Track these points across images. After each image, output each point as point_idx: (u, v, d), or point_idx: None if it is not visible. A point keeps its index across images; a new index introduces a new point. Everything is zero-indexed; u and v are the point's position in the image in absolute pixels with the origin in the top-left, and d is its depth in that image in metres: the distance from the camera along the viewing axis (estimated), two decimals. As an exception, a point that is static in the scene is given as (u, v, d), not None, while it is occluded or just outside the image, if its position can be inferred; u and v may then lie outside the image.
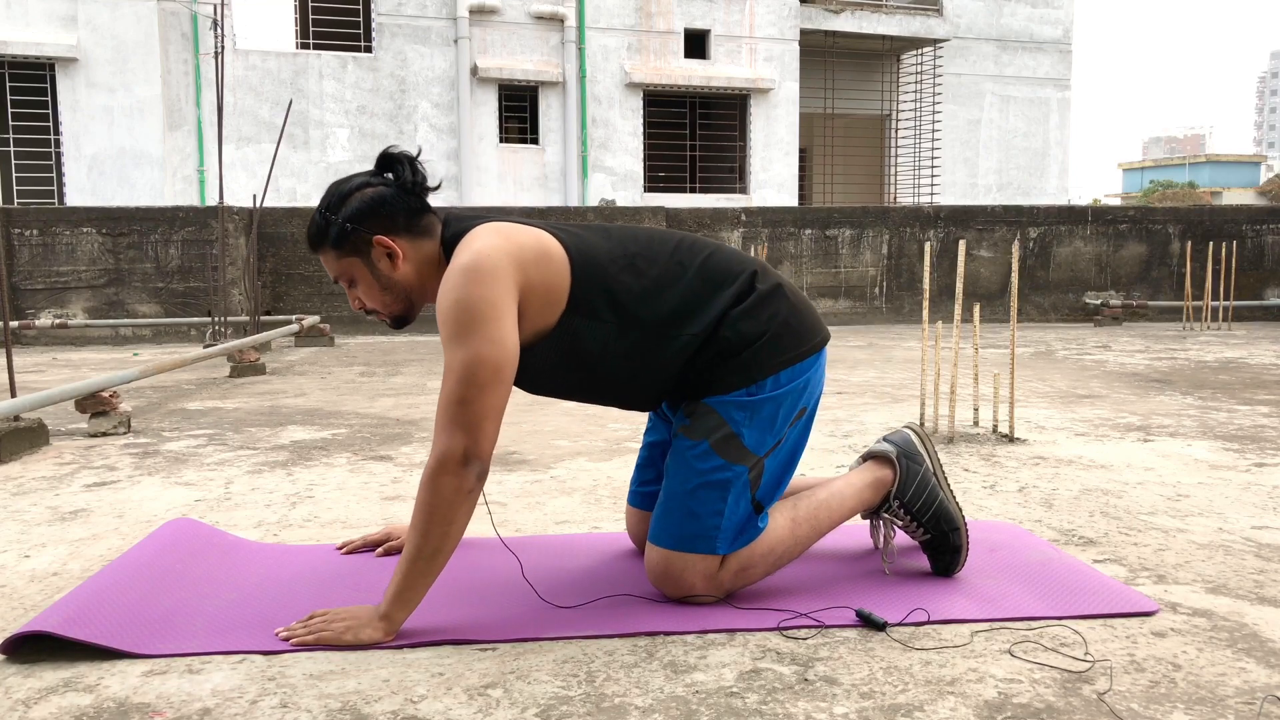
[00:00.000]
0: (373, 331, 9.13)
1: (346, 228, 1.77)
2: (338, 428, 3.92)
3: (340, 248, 1.78)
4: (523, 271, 1.71)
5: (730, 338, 1.81)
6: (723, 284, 1.84)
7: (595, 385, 1.87)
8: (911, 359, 6.42)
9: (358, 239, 1.77)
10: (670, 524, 1.80)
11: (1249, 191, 41.54)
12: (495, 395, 1.66)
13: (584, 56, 16.15)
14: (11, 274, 8.34)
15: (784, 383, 1.83)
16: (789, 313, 1.87)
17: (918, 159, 18.91)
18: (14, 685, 1.51)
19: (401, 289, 1.81)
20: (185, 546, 2.12)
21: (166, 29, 14.52)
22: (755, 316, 1.83)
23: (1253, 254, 10.40)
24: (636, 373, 1.84)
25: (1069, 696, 1.44)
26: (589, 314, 1.78)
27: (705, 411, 1.82)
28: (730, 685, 1.49)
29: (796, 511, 1.88)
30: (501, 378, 1.66)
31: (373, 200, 1.78)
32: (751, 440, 1.81)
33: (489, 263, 1.68)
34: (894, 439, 2.00)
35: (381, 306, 1.83)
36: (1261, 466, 3.05)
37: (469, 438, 1.64)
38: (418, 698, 1.46)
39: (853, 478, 1.97)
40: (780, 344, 1.84)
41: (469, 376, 1.64)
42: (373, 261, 1.79)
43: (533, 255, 1.73)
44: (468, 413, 1.64)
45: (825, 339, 1.93)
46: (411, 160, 1.82)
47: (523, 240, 1.74)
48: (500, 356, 1.66)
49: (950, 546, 1.94)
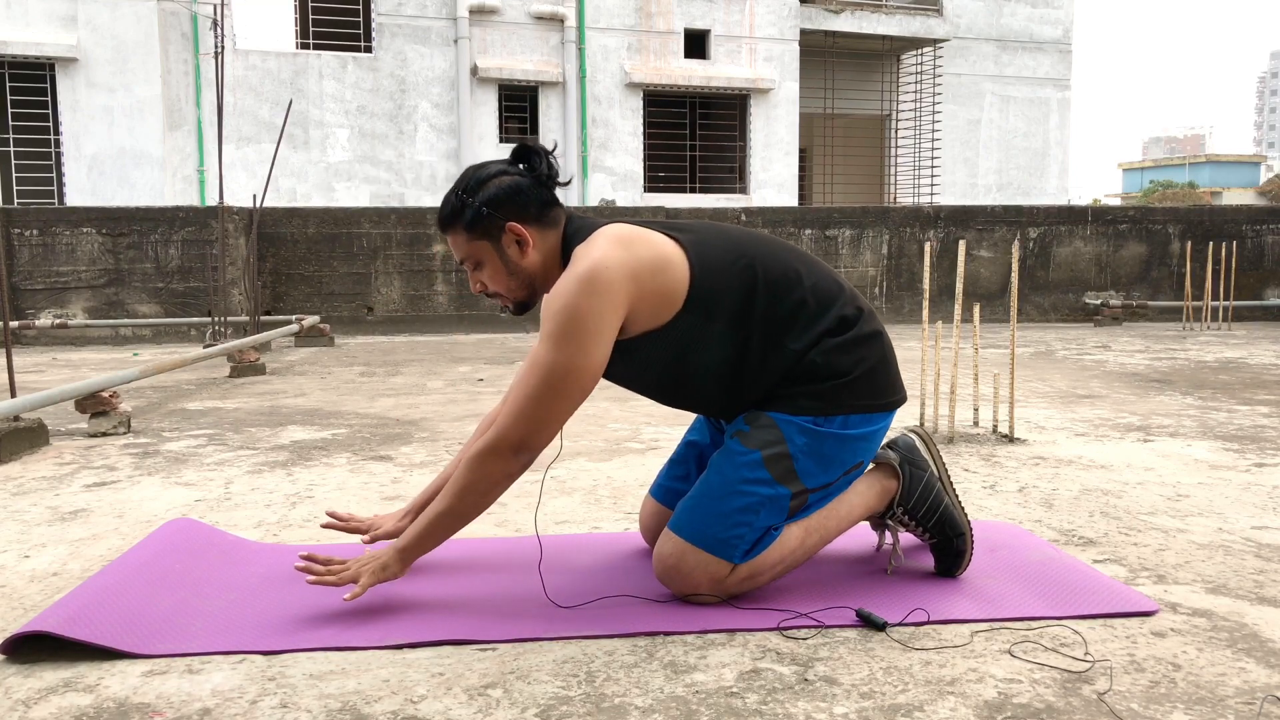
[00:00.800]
0: (373, 331, 9.13)
1: (482, 211, 1.82)
2: (338, 428, 3.92)
3: (472, 230, 1.83)
4: (637, 284, 1.75)
5: (819, 363, 1.82)
6: (830, 305, 1.86)
7: (690, 386, 1.88)
8: (911, 359, 6.43)
9: (491, 223, 1.82)
10: (696, 518, 1.81)
11: (1249, 191, 41.54)
12: (569, 403, 1.74)
13: (584, 56, 16.15)
14: (11, 274, 8.34)
15: (853, 426, 1.84)
16: (880, 361, 1.88)
17: (918, 159, 18.90)
18: (14, 685, 1.51)
19: (527, 276, 1.86)
20: (185, 546, 2.12)
21: (166, 29, 14.51)
22: (849, 352, 1.84)
23: (1253, 254, 10.40)
24: (734, 379, 1.84)
25: (1069, 696, 1.44)
26: (704, 315, 1.80)
27: (768, 424, 1.82)
28: (730, 685, 1.49)
29: (808, 522, 1.88)
30: (581, 390, 1.74)
31: (509, 188, 1.83)
32: (804, 469, 1.81)
33: (606, 275, 1.72)
34: (897, 445, 2.00)
35: (506, 291, 1.88)
36: (1261, 466, 3.05)
37: (530, 432, 1.73)
38: (418, 698, 1.46)
39: (859, 485, 1.96)
40: (863, 388, 1.84)
41: (554, 380, 1.71)
42: (502, 247, 1.84)
43: (649, 267, 1.77)
44: (538, 410, 1.72)
45: (902, 400, 1.94)
46: (548, 153, 1.88)
47: (641, 252, 1.77)
48: (587, 371, 1.73)
49: (954, 551, 1.94)
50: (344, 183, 15.37)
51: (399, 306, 9.26)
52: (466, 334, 9.13)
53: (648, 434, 3.68)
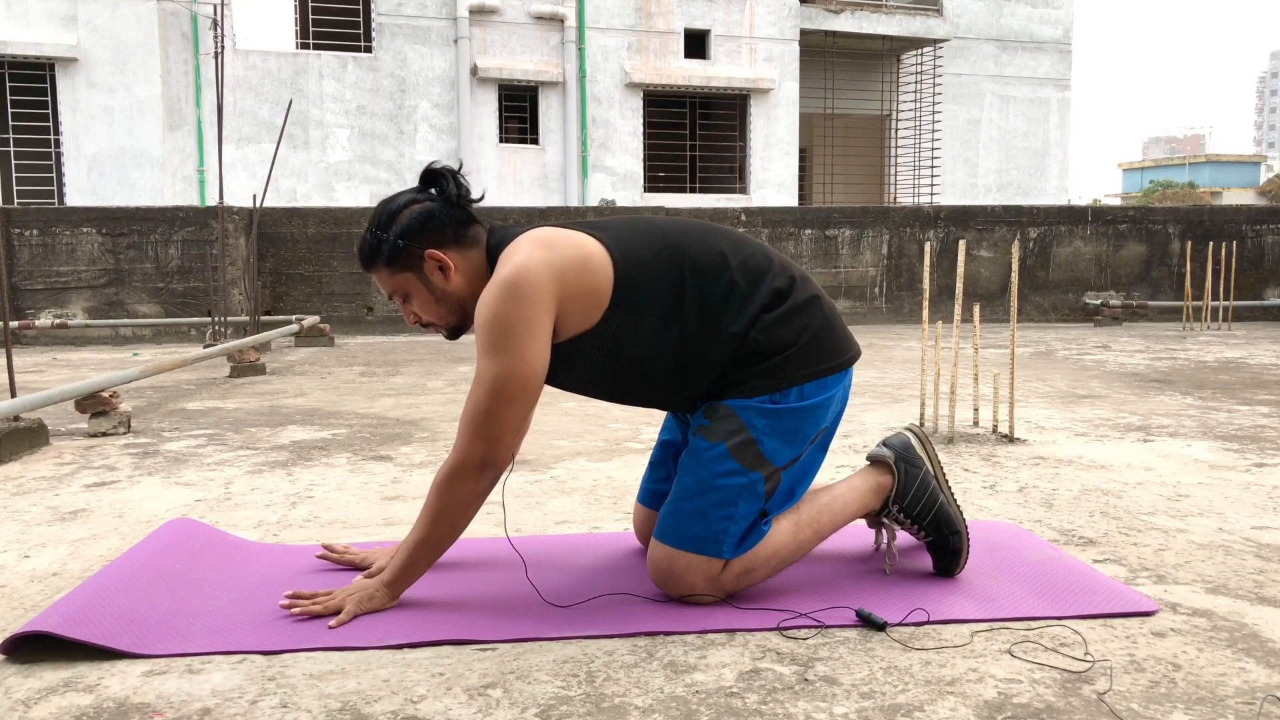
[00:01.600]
0: (373, 331, 9.13)
1: (399, 244, 1.82)
2: (338, 428, 3.92)
3: (393, 264, 1.84)
4: (561, 283, 1.74)
5: (761, 341, 1.82)
6: (760, 280, 1.85)
7: (635, 383, 1.88)
8: (911, 359, 6.42)
9: (410, 254, 1.83)
10: (678, 523, 1.81)
11: (1249, 191, 41.54)
12: (519, 409, 1.73)
13: (584, 56, 16.15)
14: (11, 274, 8.34)
15: (809, 395, 1.84)
16: (822, 325, 1.88)
17: (918, 159, 18.90)
18: (14, 685, 1.51)
19: (455, 300, 1.87)
20: (185, 547, 2.12)
21: (166, 29, 14.51)
22: (789, 324, 1.84)
23: (1253, 254, 10.40)
24: (677, 371, 1.84)
25: (1069, 696, 1.44)
26: (632, 310, 1.80)
27: (726, 414, 1.82)
28: (730, 685, 1.49)
29: (799, 515, 1.88)
30: (527, 394, 1.73)
31: (421, 215, 1.83)
32: (770, 449, 1.81)
33: (529, 277, 1.71)
34: (893, 443, 2.00)
35: (437, 319, 1.89)
36: (1261, 466, 3.05)
37: (488, 447, 1.73)
38: (418, 698, 1.46)
39: (854, 482, 1.97)
40: (810, 355, 1.84)
41: (496, 390, 1.71)
42: (426, 275, 1.84)
43: (573, 264, 1.76)
44: (490, 424, 1.72)
45: (855, 356, 1.93)
46: (454, 174, 1.88)
47: (563, 250, 1.77)
48: (528, 374, 1.72)
49: (950, 549, 1.94)
50: (344, 183, 15.37)
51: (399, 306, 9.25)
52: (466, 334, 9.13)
53: (648, 434, 3.68)
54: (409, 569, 1.79)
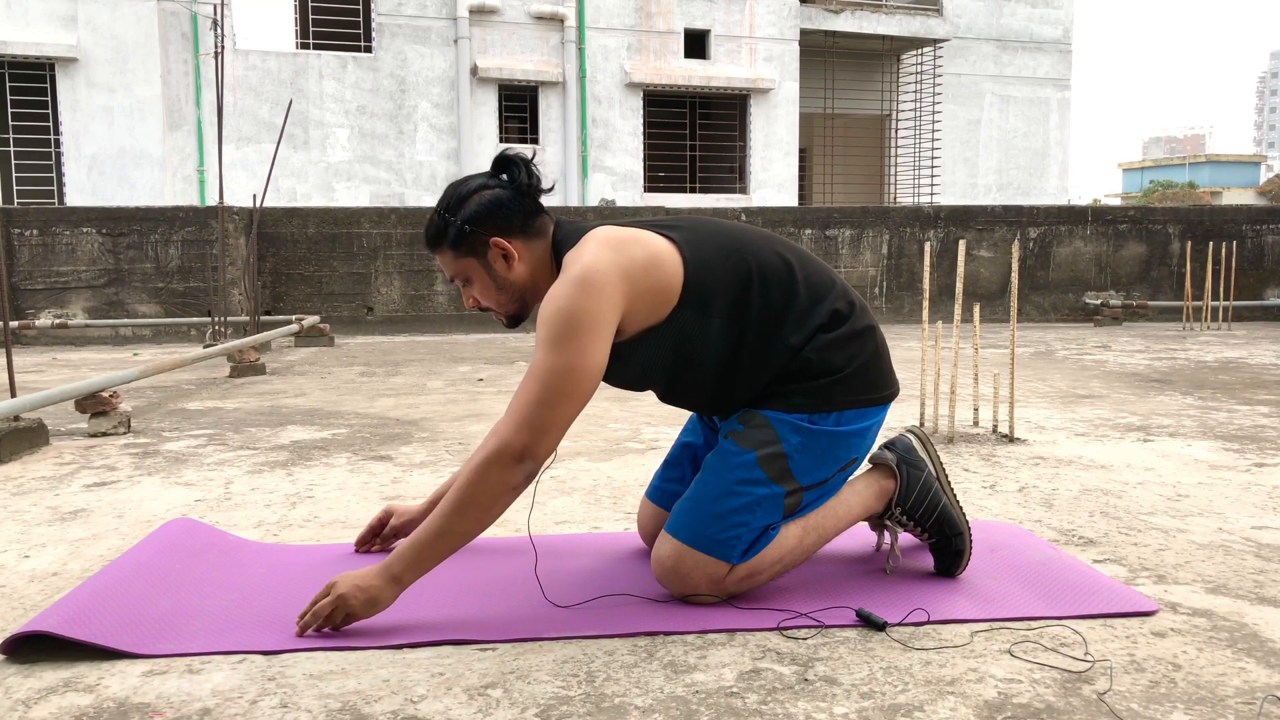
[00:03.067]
0: (373, 331, 9.13)
1: (465, 229, 1.81)
2: (338, 428, 3.92)
3: (458, 248, 1.83)
4: (630, 283, 1.74)
5: (812, 360, 1.82)
6: (823, 299, 1.86)
7: (687, 382, 1.88)
8: (911, 359, 6.42)
9: (475, 240, 1.82)
10: (693, 520, 1.80)
11: (1249, 191, 41.53)
12: (570, 406, 1.71)
13: (584, 56, 16.15)
14: (11, 274, 8.34)
15: (846, 422, 1.85)
16: (873, 355, 1.89)
17: (918, 159, 18.90)
18: (14, 685, 1.51)
19: (516, 289, 1.86)
20: (185, 547, 2.12)
21: (166, 29, 14.51)
22: (843, 349, 1.84)
23: (1253, 254, 10.40)
24: (729, 374, 1.85)
25: (1069, 696, 1.44)
26: (699, 309, 1.80)
27: (761, 424, 1.83)
28: (730, 685, 1.49)
29: (805, 521, 1.88)
30: (582, 392, 1.71)
31: (490, 202, 1.82)
32: (799, 467, 1.82)
33: (598, 276, 1.71)
34: (895, 445, 2.00)
35: (497, 305, 1.88)
36: (1261, 466, 3.05)
37: (532, 438, 1.68)
38: (418, 698, 1.46)
39: (857, 485, 1.97)
40: (856, 384, 1.85)
41: (553, 383, 1.69)
42: (489, 262, 1.84)
43: (642, 265, 1.76)
44: (540, 416, 1.68)
45: (895, 393, 1.94)
46: (527, 163, 1.87)
47: (632, 251, 1.77)
48: (587, 371, 1.70)
49: (952, 550, 1.94)
50: (344, 183, 15.37)
51: (399, 306, 9.26)
52: (466, 334, 9.14)
53: (648, 434, 3.68)
54: (420, 562, 1.68)
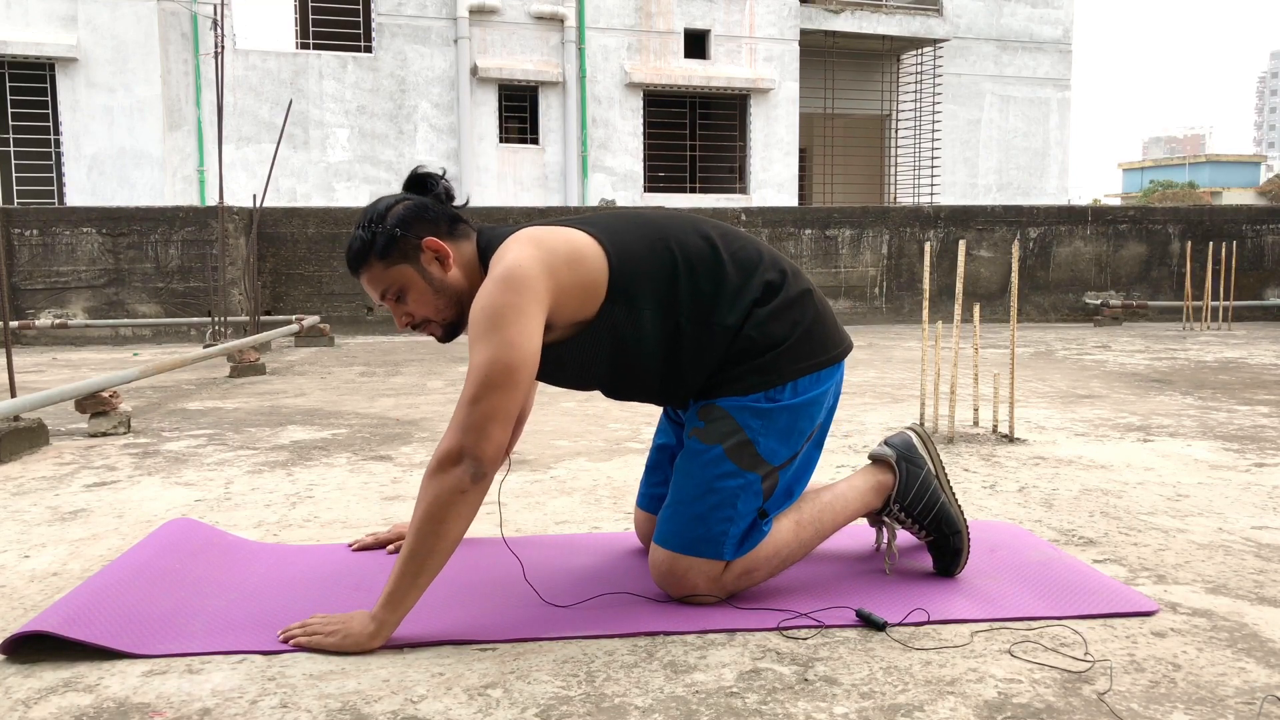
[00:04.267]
0: (373, 331, 9.13)
1: (395, 234, 1.78)
2: (338, 428, 3.92)
3: (388, 256, 1.78)
4: (554, 276, 1.73)
5: (755, 337, 1.81)
6: (752, 273, 1.85)
7: (630, 376, 1.87)
8: (911, 359, 6.42)
9: (406, 245, 1.78)
10: (677, 527, 1.80)
11: (1249, 191, 41.53)
12: (501, 398, 1.65)
13: (584, 56, 16.15)
14: (11, 274, 8.34)
15: (803, 390, 1.84)
16: (815, 319, 1.88)
17: (918, 159, 18.90)
18: (14, 685, 1.51)
19: (453, 292, 1.82)
20: (185, 546, 2.12)
21: (166, 29, 14.51)
22: (782, 318, 1.83)
23: (1253, 254, 10.39)
24: (672, 364, 1.84)
25: (1069, 696, 1.44)
26: (628, 302, 1.79)
27: (720, 415, 1.82)
28: (730, 685, 1.49)
29: (801, 515, 1.88)
30: (515, 380, 1.66)
31: (415, 206, 1.81)
32: (767, 449, 1.81)
33: (520, 271, 1.70)
34: (894, 442, 2.00)
35: (434, 313, 1.83)
36: (1261, 466, 3.05)
37: (471, 438, 1.64)
38: (418, 698, 1.46)
39: (855, 481, 1.97)
40: (803, 350, 1.84)
41: (484, 377, 1.66)
42: (424, 266, 1.80)
43: (565, 258, 1.75)
44: (475, 413, 1.65)
45: (846, 349, 1.94)
46: (440, 177, 1.86)
47: (554, 245, 1.76)
48: (515, 359, 1.66)
49: (950, 549, 1.94)
50: (344, 183, 15.37)
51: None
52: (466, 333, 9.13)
53: (647, 434, 3.68)
54: (394, 597, 1.63)
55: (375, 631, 1.63)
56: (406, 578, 1.63)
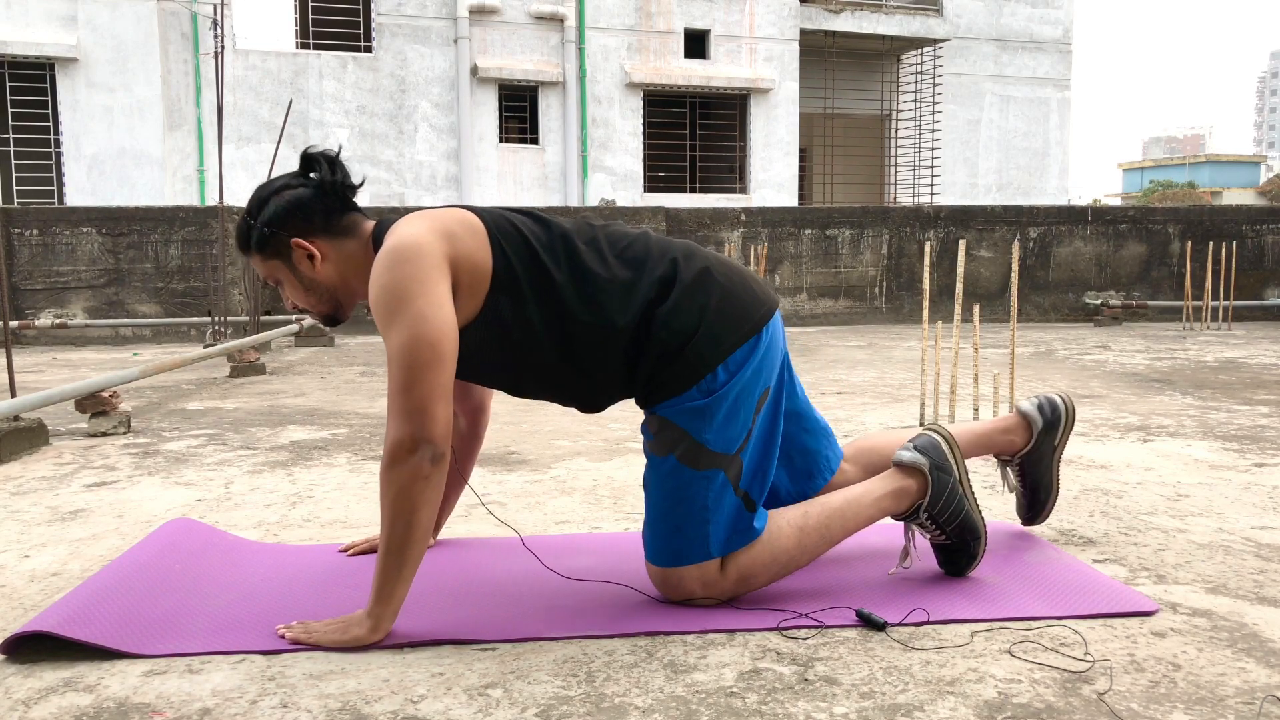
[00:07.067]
0: (373, 331, 9.12)
1: (265, 232, 1.79)
2: (338, 428, 3.92)
3: (263, 251, 1.81)
4: (449, 242, 1.70)
5: (665, 338, 1.76)
6: (642, 270, 1.79)
7: (534, 377, 1.84)
8: (911, 359, 6.42)
9: (277, 242, 1.79)
10: (660, 543, 1.79)
11: (1249, 191, 41.53)
12: (433, 374, 1.62)
13: (584, 56, 16.15)
14: (11, 274, 8.34)
15: (734, 370, 1.78)
16: (722, 296, 1.81)
17: (918, 159, 18.91)
18: (14, 685, 1.51)
19: (324, 289, 1.82)
20: (185, 546, 2.12)
21: (166, 29, 14.52)
22: (685, 309, 1.77)
23: (1253, 254, 10.39)
24: (578, 367, 1.80)
25: (1069, 696, 1.44)
26: (513, 292, 1.75)
27: (663, 424, 1.79)
28: (730, 685, 1.49)
29: (806, 520, 1.84)
30: (440, 353, 1.63)
31: (290, 203, 1.79)
32: (718, 443, 1.77)
33: (411, 240, 1.67)
34: (925, 448, 1.90)
35: (308, 306, 1.85)
36: (1261, 466, 3.05)
37: (415, 423, 1.62)
38: (418, 698, 1.46)
39: (873, 486, 1.90)
40: (720, 330, 1.78)
41: (407, 359, 1.62)
42: (294, 264, 1.81)
43: (456, 227, 1.73)
44: (412, 398, 1.62)
45: (768, 312, 1.85)
46: (331, 160, 1.82)
47: (443, 216, 1.75)
48: (434, 332, 1.63)
49: (969, 553, 1.92)
50: (344, 183, 15.35)
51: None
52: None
53: (648, 434, 3.68)
54: (382, 591, 1.65)
55: (374, 626, 1.64)
56: (391, 572, 1.64)
